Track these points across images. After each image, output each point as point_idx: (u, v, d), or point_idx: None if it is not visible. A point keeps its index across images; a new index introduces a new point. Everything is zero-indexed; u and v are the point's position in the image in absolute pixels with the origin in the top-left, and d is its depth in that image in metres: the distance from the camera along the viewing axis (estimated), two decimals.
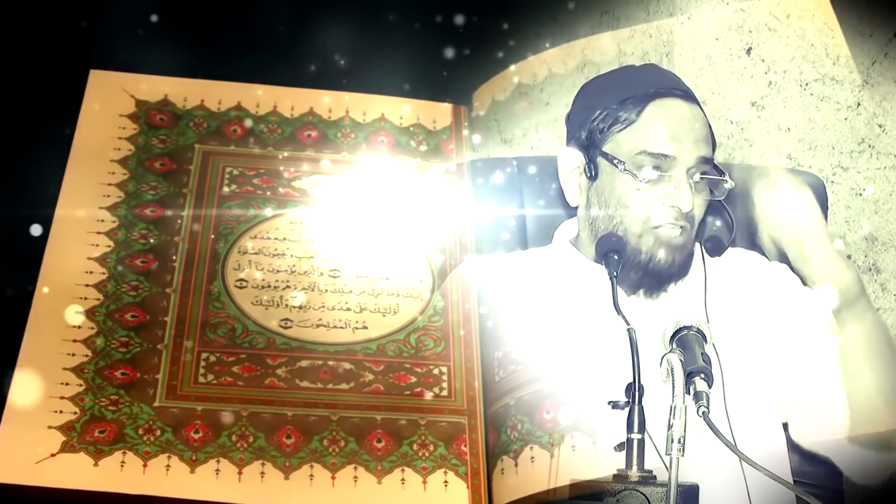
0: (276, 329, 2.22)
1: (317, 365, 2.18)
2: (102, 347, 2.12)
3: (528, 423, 2.06)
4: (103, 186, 2.37)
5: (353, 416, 2.10)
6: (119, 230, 2.31)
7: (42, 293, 2.18)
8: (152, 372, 2.11)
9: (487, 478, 2.07)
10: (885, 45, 2.84)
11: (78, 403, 2.03)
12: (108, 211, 2.33)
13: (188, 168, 2.44)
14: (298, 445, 2.05)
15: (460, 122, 2.66)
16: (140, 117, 2.50)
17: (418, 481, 2.04)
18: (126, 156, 2.43)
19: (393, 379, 2.18)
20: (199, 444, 2.02)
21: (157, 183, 2.41)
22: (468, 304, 2.33)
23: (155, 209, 2.36)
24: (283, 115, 2.57)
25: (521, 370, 2.14)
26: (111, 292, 2.21)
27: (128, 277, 2.24)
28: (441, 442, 2.10)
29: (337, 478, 2.02)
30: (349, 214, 2.43)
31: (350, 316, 2.27)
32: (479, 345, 2.27)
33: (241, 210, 2.40)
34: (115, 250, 2.28)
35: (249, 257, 2.32)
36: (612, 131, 2.27)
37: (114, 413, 2.03)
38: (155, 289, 2.24)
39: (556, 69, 2.73)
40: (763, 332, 2.29)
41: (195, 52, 2.76)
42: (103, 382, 2.08)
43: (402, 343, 2.24)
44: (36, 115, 2.58)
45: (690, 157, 2.22)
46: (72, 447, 1.97)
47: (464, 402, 2.18)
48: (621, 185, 2.24)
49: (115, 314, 2.18)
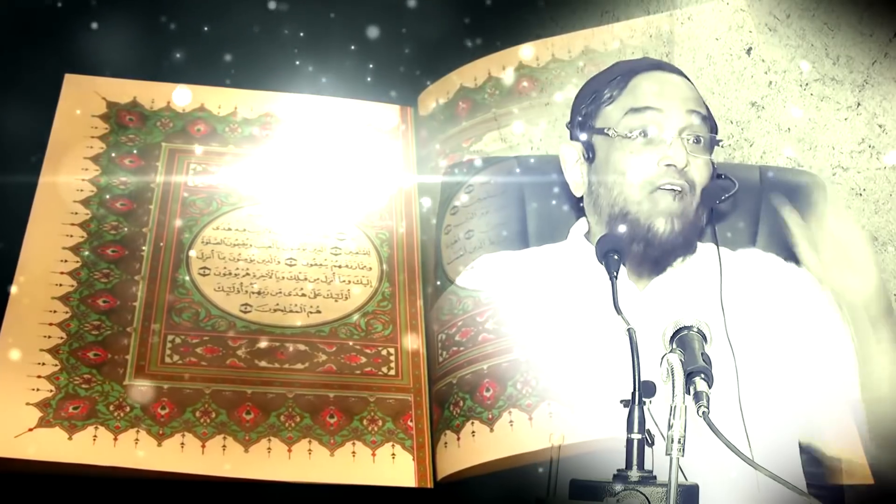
0: (236, 313, 2.26)
1: (274, 346, 2.22)
2: (76, 330, 2.16)
3: (470, 400, 2.10)
4: (77, 181, 2.40)
5: (308, 394, 2.15)
6: (92, 222, 2.34)
7: (20, 281, 2.21)
8: (122, 353, 2.15)
9: (432, 450, 2.12)
10: (885, 45, 2.76)
11: (54, 382, 2.07)
12: (82, 204, 2.36)
13: (155, 164, 2.48)
14: (257, 421, 2.09)
15: (408, 122, 2.68)
16: (111, 118, 2.53)
17: (368, 454, 2.10)
18: (98, 153, 2.46)
19: (344, 359, 2.23)
20: (165, 419, 2.06)
21: (127, 178, 2.44)
22: (415, 288, 2.38)
23: (125, 202, 2.40)
24: (243, 116, 2.61)
25: (463, 351, 2.17)
26: (84, 279, 2.24)
27: (100, 266, 2.28)
28: (389, 418, 2.15)
29: (293, 451, 2.07)
30: (303, 206, 2.47)
31: (305, 301, 2.30)
32: (425, 327, 2.31)
33: (205, 203, 2.44)
34: (88, 240, 2.31)
35: (212, 247, 2.36)
36: (601, 108, 2.21)
37: (87, 391, 2.07)
38: (125, 276, 2.28)
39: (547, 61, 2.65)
40: (781, 333, 2.19)
41: (162, 56, 2.77)
42: (77, 363, 2.11)
43: (352, 326, 2.29)
44: (13, 115, 2.54)
45: (679, 112, 2.16)
46: (48, 422, 2.01)
47: (410, 381, 2.22)
48: (616, 153, 2.16)
49: (88, 299, 2.22)
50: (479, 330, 2.18)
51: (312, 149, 2.59)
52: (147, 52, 2.72)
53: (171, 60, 2.77)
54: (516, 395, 2.06)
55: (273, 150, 2.57)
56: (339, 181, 2.55)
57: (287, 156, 2.57)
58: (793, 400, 2.18)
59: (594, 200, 2.21)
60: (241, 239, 2.39)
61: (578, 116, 2.26)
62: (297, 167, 2.54)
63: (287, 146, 2.58)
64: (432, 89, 2.67)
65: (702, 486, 1.60)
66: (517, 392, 2.07)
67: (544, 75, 2.59)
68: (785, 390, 2.17)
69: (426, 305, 2.34)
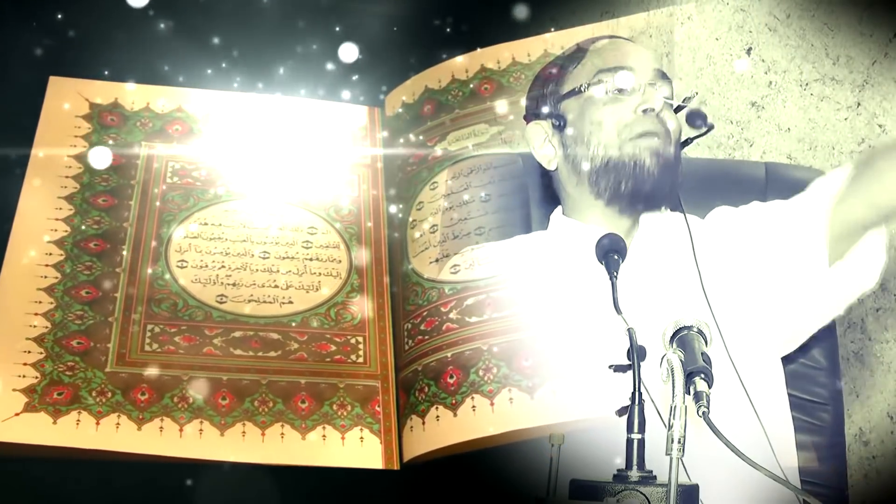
0: (212, 304, 2.31)
1: (248, 335, 2.27)
2: (60, 320, 2.21)
3: (434, 386, 2.16)
4: (61, 178, 2.45)
5: (280, 381, 2.20)
6: (75, 217, 2.39)
7: (7, 274, 2.26)
8: (104, 341, 2.20)
9: (398, 434, 2.17)
10: (885, 45, 2.75)
11: (39, 369, 2.12)
12: (66, 200, 2.42)
13: (136, 163, 2.53)
14: (232, 406, 2.14)
15: (375, 122, 2.73)
16: (93, 118, 2.58)
17: (337, 437, 2.14)
18: (81, 152, 2.51)
19: (315, 348, 2.28)
20: (145, 404, 2.11)
21: (109, 176, 2.49)
22: (382, 280, 2.43)
23: (106, 198, 2.44)
24: (216, 119, 2.65)
25: (428, 340, 2.23)
26: (68, 272, 2.29)
27: (83, 259, 2.32)
28: (357, 403, 2.20)
29: (266, 434, 2.12)
30: (276, 203, 2.52)
31: (277, 292, 2.35)
32: (391, 317, 2.36)
33: (182, 200, 2.49)
34: (71, 234, 2.36)
35: (189, 241, 2.41)
36: (565, 77, 2.25)
37: (70, 378, 2.12)
38: (106, 268, 2.33)
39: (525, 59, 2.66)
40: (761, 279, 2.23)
41: (142, 60, 2.83)
42: (61, 351, 2.16)
43: (323, 316, 2.33)
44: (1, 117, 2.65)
45: (648, 69, 2.20)
46: (33, 407, 2.06)
47: (377, 368, 2.27)
48: (589, 107, 2.19)
49: (72, 291, 2.26)
50: (444, 320, 2.24)
51: (284, 148, 2.64)
52: (128, 56, 2.75)
53: (159, 66, 2.79)
54: (479, 381, 2.12)
55: (246, 150, 2.62)
56: (310, 179, 2.60)
57: (259, 155, 2.61)
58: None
59: (571, 162, 2.24)
60: (216, 233, 2.43)
61: (542, 94, 2.29)
62: (269, 165, 2.59)
63: (258, 146, 2.64)
64: (399, 90, 2.71)
65: (702, 487, 1.60)
66: (479, 379, 2.12)
67: (505, 78, 2.63)
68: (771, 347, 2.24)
69: (393, 296, 2.39)
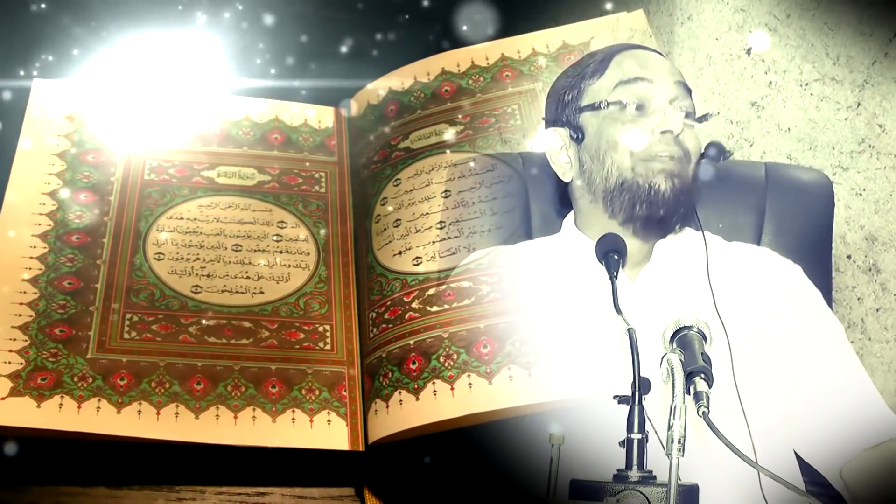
0: (188, 294, 2.37)
1: (222, 324, 2.33)
2: (44, 309, 2.27)
3: (397, 372, 2.23)
4: (45, 175, 2.52)
5: (252, 367, 2.26)
6: (58, 212, 2.46)
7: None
8: (85, 329, 2.26)
9: (363, 417, 2.23)
10: (885, 45, 2.72)
11: (24, 356, 2.18)
12: (49, 196, 2.48)
13: (115, 160, 2.60)
14: (206, 391, 2.20)
15: (341, 122, 2.80)
16: (75, 118, 2.65)
17: (306, 420, 2.20)
18: (64, 150, 2.58)
19: (285, 335, 2.34)
20: (124, 389, 2.17)
21: (90, 172, 2.56)
22: (349, 272, 2.49)
23: (87, 194, 2.51)
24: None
25: (391, 328, 2.30)
26: (51, 263, 2.35)
27: (65, 251, 2.39)
28: (325, 388, 2.26)
29: (238, 417, 2.18)
30: (249, 198, 2.59)
31: (249, 283, 2.42)
32: (357, 307, 2.43)
33: (159, 195, 2.56)
34: (54, 228, 2.42)
35: (166, 234, 2.48)
36: (586, 88, 2.19)
37: (53, 364, 2.18)
38: (87, 260, 2.39)
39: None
40: (775, 328, 2.17)
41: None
42: (45, 338, 2.22)
43: (292, 306, 2.40)
44: None
45: (668, 83, 2.14)
46: (18, 392, 2.11)
47: (344, 355, 2.34)
48: (608, 126, 2.13)
49: (55, 281, 2.33)
50: (406, 309, 2.31)
51: (255, 146, 2.72)
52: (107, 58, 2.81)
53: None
54: (440, 367, 2.19)
55: (219, 148, 2.69)
56: (280, 174, 2.67)
57: (233, 153, 2.69)
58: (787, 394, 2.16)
59: (587, 179, 2.19)
60: (192, 227, 2.50)
61: (558, 107, 2.25)
62: (241, 162, 2.67)
63: (233, 144, 2.70)
64: (364, 92, 2.77)
65: (702, 486, 1.59)
66: (440, 365, 2.20)
67: (464, 80, 2.70)
68: (780, 384, 2.16)
69: (358, 287, 2.46)
